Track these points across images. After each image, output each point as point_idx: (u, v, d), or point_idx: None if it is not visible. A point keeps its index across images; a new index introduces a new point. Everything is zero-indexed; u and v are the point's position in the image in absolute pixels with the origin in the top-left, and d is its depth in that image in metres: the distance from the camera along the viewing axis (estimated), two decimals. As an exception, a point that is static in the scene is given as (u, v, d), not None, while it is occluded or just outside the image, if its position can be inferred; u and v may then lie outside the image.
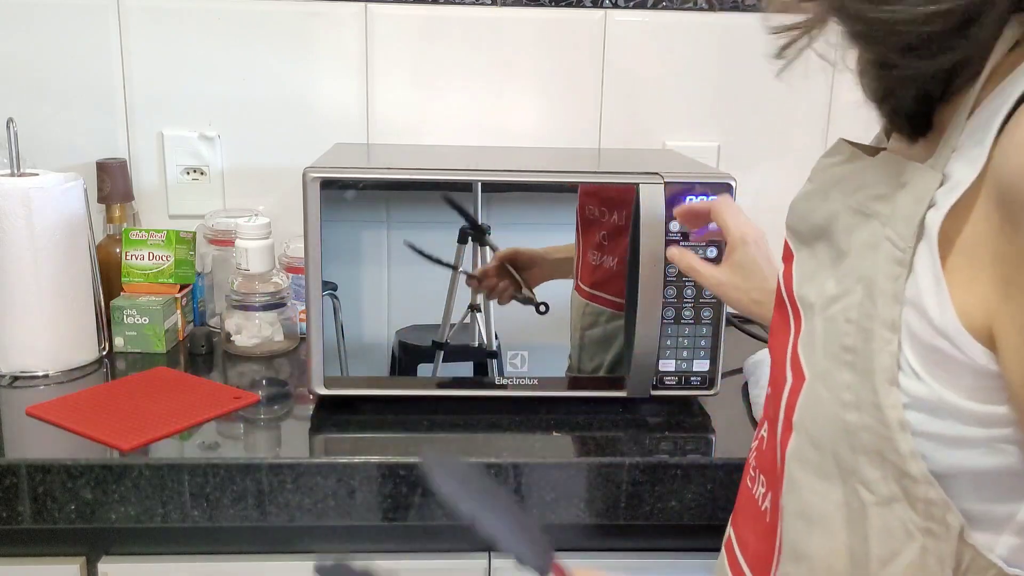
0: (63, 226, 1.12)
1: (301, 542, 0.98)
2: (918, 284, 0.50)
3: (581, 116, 1.39)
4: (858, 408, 0.52)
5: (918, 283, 0.50)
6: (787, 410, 0.58)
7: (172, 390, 1.07)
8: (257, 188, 1.39)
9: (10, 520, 0.90)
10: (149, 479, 0.90)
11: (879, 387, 0.50)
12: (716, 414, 1.06)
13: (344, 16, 1.34)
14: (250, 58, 1.35)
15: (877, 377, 0.51)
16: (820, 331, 0.55)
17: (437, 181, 1.02)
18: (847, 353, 0.53)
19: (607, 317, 1.04)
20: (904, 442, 0.50)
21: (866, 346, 0.51)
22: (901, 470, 0.50)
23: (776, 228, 1.16)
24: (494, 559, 0.98)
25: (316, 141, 1.36)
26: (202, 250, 1.32)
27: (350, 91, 1.37)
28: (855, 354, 0.52)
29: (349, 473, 0.91)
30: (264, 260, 1.20)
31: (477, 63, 1.37)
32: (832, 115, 1.39)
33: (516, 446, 0.96)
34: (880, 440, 0.51)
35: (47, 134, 1.34)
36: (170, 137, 1.37)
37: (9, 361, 1.11)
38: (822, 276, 0.58)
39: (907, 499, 0.51)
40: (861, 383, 0.52)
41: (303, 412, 1.03)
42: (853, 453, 0.52)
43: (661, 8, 1.36)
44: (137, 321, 1.20)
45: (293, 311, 1.24)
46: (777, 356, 0.62)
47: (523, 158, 1.19)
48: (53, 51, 1.33)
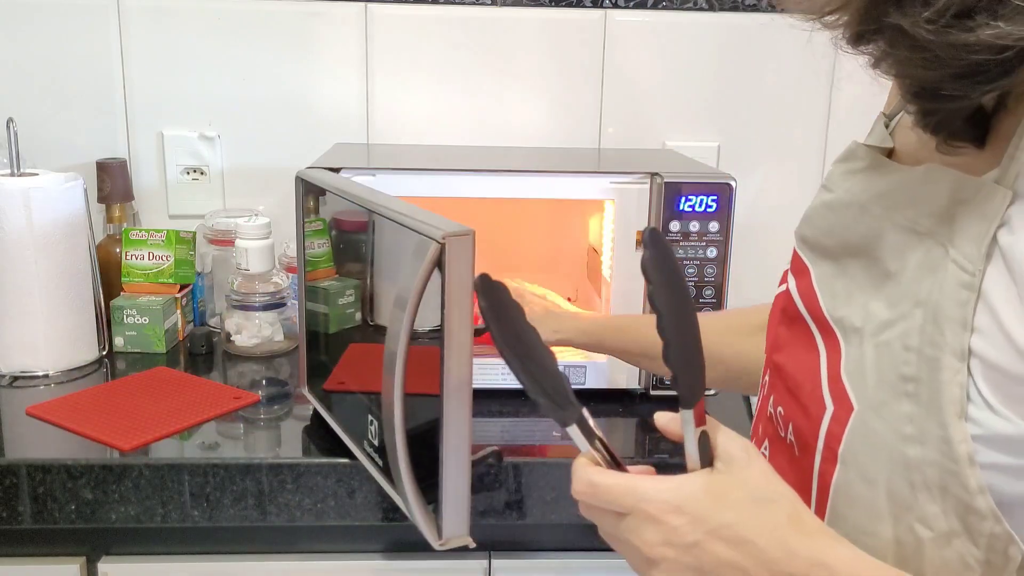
0: (63, 226, 1.12)
1: (301, 542, 0.98)
2: (994, 310, 0.46)
3: (581, 116, 1.39)
4: (921, 442, 0.48)
5: (993, 309, 0.46)
6: (829, 439, 0.54)
7: (172, 390, 1.07)
8: (257, 188, 1.39)
9: (10, 520, 0.90)
10: (149, 479, 0.90)
11: (948, 420, 0.47)
12: (716, 414, 1.05)
13: (344, 16, 1.34)
14: (250, 58, 1.35)
15: (945, 410, 0.47)
16: (871, 358, 0.52)
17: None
18: (907, 383, 0.49)
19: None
20: (973, 477, 0.47)
21: (932, 376, 0.48)
22: (967, 505, 0.48)
23: (776, 227, 1.16)
24: (494, 559, 0.98)
25: (316, 141, 1.36)
26: (202, 250, 1.31)
27: (350, 91, 1.37)
28: (918, 384, 0.49)
29: (349, 473, 0.91)
30: (264, 260, 1.20)
31: (477, 63, 1.37)
32: (832, 115, 1.39)
33: (516, 443, 0.96)
34: (945, 475, 0.48)
35: (47, 134, 1.34)
36: (170, 137, 1.37)
37: (9, 361, 1.11)
38: (862, 297, 0.54)
39: (968, 534, 0.48)
40: (926, 415, 0.48)
41: (303, 412, 1.03)
42: (912, 489, 0.49)
43: (661, 8, 1.36)
44: (137, 321, 1.20)
45: (293, 311, 1.24)
46: (803, 378, 0.58)
47: (523, 158, 1.19)
48: (53, 51, 1.33)
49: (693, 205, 1.01)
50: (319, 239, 0.98)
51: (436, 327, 0.68)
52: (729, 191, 1.00)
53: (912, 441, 0.49)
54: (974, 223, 0.47)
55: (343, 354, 0.94)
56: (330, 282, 0.98)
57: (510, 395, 1.06)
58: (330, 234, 0.99)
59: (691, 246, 1.01)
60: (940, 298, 0.48)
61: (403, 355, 0.69)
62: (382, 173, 1.02)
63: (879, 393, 0.51)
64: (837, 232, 0.58)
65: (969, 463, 0.47)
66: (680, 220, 1.01)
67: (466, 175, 1.03)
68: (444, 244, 0.67)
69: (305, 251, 0.97)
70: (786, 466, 0.58)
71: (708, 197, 1.00)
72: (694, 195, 1.00)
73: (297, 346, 1.24)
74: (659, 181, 1.01)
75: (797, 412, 0.57)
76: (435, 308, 0.68)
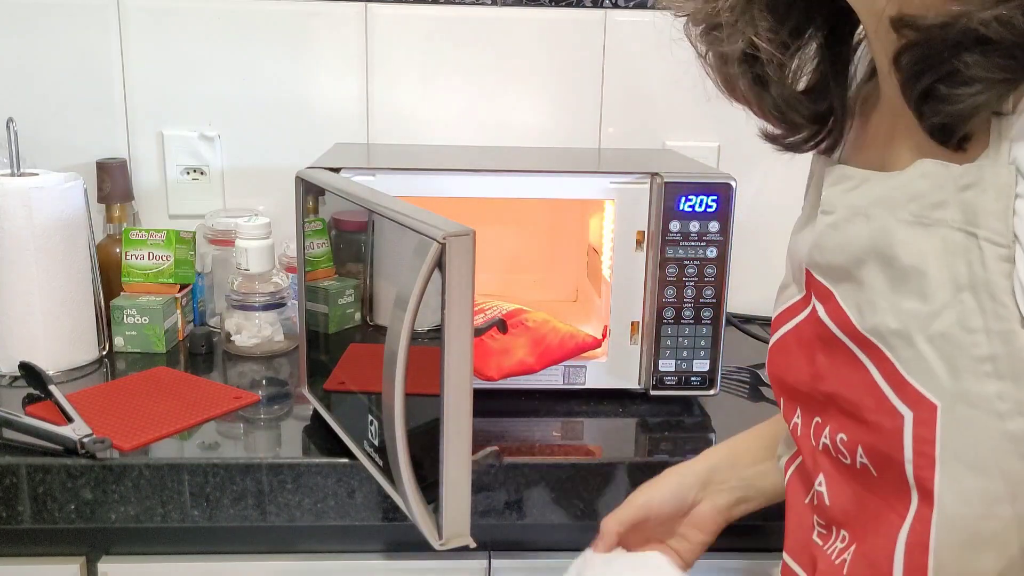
0: (63, 226, 1.12)
1: (301, 542, 0.98)
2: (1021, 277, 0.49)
3: (581, 116, 1.39)
4: (1021, 413, 0.50)
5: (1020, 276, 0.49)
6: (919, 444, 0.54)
7: (172, 390, 1.07)
8: (257, 188, 1.39)
9: (10, 520, 0.90)
10: (149, 479, 0.90)
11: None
12: (716, 414, 1.06)
13: (344, 16, 1.34)
14: (250, 58, 1.35)
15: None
16: (931, 354, 0.52)
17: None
18: (984, 363, 0.50)
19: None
20: None
21: (1008, 349, 0.50)
22: None
23: (775, 228, 1.16)
24: (494, 559, 0.98)
25: (316, 141, 1.36)
26: (202, 250, 1.32)
27: (350, 91, 1.37)
28: (995, 361, 0.50)
29: (349, 473, 0.91)
30: (264, 260, 1.20)
31: (477, 63, 1.37)
32: (832, 115, 1.39)
33: (516, 443, 0.96)
34: None
35: (47, 134, 1.34)
36: (170, 137, 1.37)
37: (9, 361, 1.11)
38: (886, 301, 0.55)
39: None
40: (1015, 387, 0.50)
41: (303, 412, 1.03)
42: None
43: (661, 8, 1.36)
44: (137, 321, 1.20)
45: (293, 311, 1.24)
46: (862, 396, 0.58)
47: (523, 158, 1.19)
48: (53, 51, 1.33)
49: (693, 205, 1.01)
50: (319, 239, 0.98)
51: (436, 327, 0.68)
52: (729, 191, 1.00)
53: (1012, 415, 0.50)
54: (991, 201, 0.50)
55: (343, 354, 0.94)
56: (330, 282, 0.98)
57: (510, 395, 1.06)
58: (330, 234, 0.99)
59: (691, 246, 1.01)
60: (987, 275, 0.50)
61: (403, 355, 0.69)
62: (382, 173, 1.02)
63: (959, 382, 0.51)
64: (846, 247, 0.58)
65: None
66: (680, 220, 1.01)
67: (466, 175, 1.03)
68: (444, 244, 0.67)
69: (305, 251, 0.97)
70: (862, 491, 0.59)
71: (708, 197, 1.00)
72: (694, 195, 1.00)
73: (297, 346, 1.24)
74: (659, 181, 1.01)
75: (865, 432, 0.58)
76: (435, 308, 0.68)
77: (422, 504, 0.74)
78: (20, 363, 1.06)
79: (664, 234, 1.01)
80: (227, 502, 0.91)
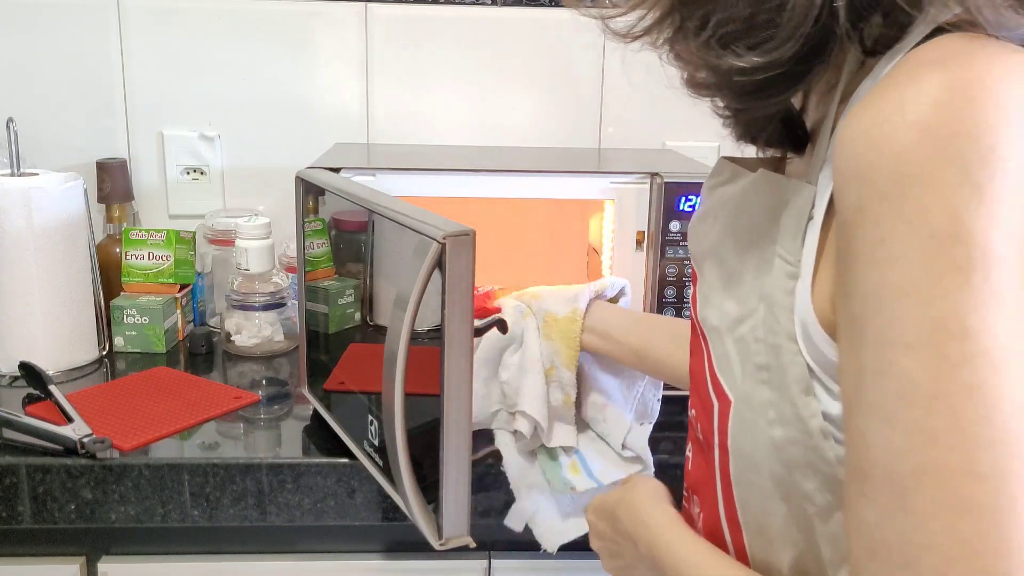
0: (63, 226, 1.12)
1: (301, 542, 0.98)
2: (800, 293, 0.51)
3: (581, 116, 1.39)
4: (782, 423, 0.52)
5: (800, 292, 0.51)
6: (720, 435, 0.58)
7: (172, 390, 1.07)
8: (257, 188, 1.39)
9: (10, 520, 0.90)
10: (149, 479, 0.90)
11: (796, 399, 0.51)
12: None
13: (344, 16, 1.34)
14: (250, 58, 1.35)
15: (792, 389, 0.51)
16: (733, 354, 0.56)
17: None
18: (762, 372, 0.53)
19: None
20: (829, 449, 0.50)
21: (777, 361, 0.52)
22: (833, 478, 0.50)
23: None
24: (494, 559, 0.98)
25: (316, 141, 1.36)
26: (202, 250, 1.32)
27: (350, 91, 1.37)
28: (769, 371, 0.52)
29: (349, 473, 0.91)
30: (264, 260, 1.20)
31: (477, 63, 1.37)
32: (832, 115, 1.39)
33: (516, 446, 0.96)
34: (808, 451, 0.51)
35: (47, 134, 1.34)
36: (170, 137, 1.37)
37: (9, 361, 1.11)
38: (716, 298, 0.58)
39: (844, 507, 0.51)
40: (780, 398, 0.52)
41: (303, 412, 1.03)
42: (788, 469, 0.52)
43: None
44: (137, 321, 1.20)
45: (293, 311, 1.24)
46: (697, 379, 0.61)
47: (523, 158, 1.19)
48: (53, 51, 1.33)
49: (693, 205, 1.01)
50: (319, 239, 0.98)
51: (436, 327, 0.68)
52: (729, 191, 1.00)
53: (776, 424, 0.52)
54: (792, 220, 0.52)
55: (343, 354, 0.94)
56: (330, 282, 0.98)
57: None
58: (330, 234, 0.99)
59: (691, 246, 1.01)
60: (773, 290, 0.52)
61: (403, 355, 0.69)
62: (382, 173, 1.02)
63: (744, 385, 0.55)
64: (701, 240, 0.62)
65: (823, 436, 0.50)
66: (680, 220, 1.01)
67: (466, 175, 1.03)
68: (444, 244, 0.67)
69: (305, 251, 0.97)
70: (703, 464, 0.62)
71: (707, 197, 1.00)
72: (694, 195, 1.00)
73: (297, 346, 1.24)
74: (659, 181, 1.01)
75: (701, 413, 0.61)
76: (435, 308, 0.68)
77: (422, 504, 0.74)
78: (20, 363, 1.06)
79: (664, 234, 1.01)
80: (227, 502, 0.91)
